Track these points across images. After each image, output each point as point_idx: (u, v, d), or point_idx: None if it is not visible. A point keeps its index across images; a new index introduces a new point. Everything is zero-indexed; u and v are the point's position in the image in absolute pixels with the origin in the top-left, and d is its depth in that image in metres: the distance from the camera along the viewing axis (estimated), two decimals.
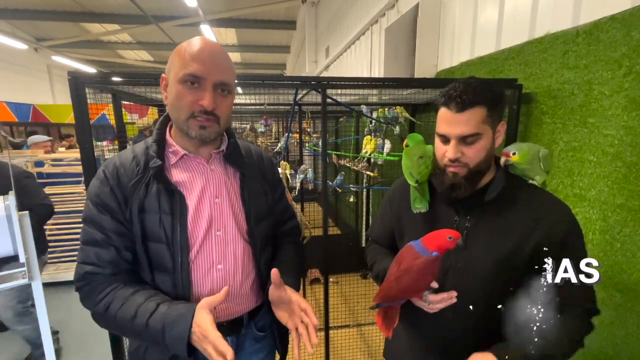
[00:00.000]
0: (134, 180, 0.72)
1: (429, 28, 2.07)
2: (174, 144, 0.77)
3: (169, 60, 0.73)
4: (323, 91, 1.29)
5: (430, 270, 0.71)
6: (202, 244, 0.75)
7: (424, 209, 0.84)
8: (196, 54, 0.69)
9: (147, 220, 0.72)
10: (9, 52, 7.71)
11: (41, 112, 8.05)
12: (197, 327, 0.65)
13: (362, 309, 2.76)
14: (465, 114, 0.71)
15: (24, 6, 6.96)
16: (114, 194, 0.72)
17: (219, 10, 7.08)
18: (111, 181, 0.72)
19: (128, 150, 0.77)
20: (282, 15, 7.88)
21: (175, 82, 0.70)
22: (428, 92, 1.91)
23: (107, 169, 0.74)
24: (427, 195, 0.85)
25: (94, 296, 0.71)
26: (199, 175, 0.77)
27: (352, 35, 3.85)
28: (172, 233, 0.72)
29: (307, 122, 2.60)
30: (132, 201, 0.72)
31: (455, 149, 0.74)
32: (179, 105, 0.70)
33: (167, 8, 6.77)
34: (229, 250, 0.78)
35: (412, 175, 0.86)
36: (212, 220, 0.76)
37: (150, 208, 0.72)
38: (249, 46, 10.26)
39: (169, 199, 0.72)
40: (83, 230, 0.74)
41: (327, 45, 5.39)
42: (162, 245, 0.72)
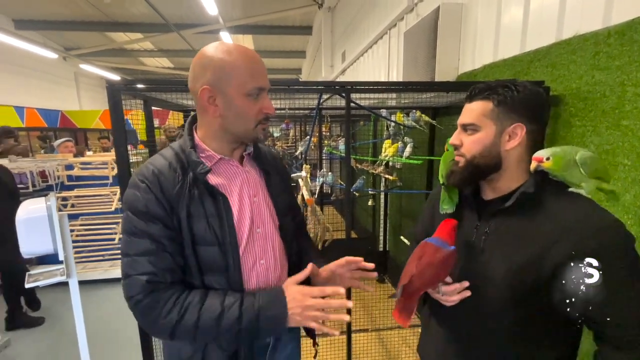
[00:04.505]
0: (178, 186, 0.73)
1: (450, 31, 2.06)
2: (207, 149, 0.78)
3: (217, 72, 0.71)
4: (347, 95, 1.31)
5: (449, 263, 0.74)
6: (247, 242, 0.79)
7: (450, 210, 0.85)
8: (257, 67, 0.73)
9: (195, 225, 0.73)
10: (40, 61, 8.11)
11: (68, 118, 8.44)
12: (293, 301, 0.70)
13: (380, 314, 2.74)
14: (471, 104, 0.76)
15: (55, 18, 7.33)
16: (160, 202, 0.72)
17: (237, 17, 7.25)
18: (154, 189, 0.72)
19: (158, 158, 0.77)
20: (298, 20, 7.99)
21: (240, 95, 0.72)
22: (449, 96, 1.91)
23: (145, 177, 0.73)
24: (455, 197, 0.85)
25: (160, 308, 0.69)
26: (236, 177, 0.81)
27: (370, 40, 3.87)
28: (222, 234, 0.74)
29: (326, 125, 2.63)
30: (178, 208, 0.73)
31: (456, 136, 0.79)
32: (247, 117, 0.74)
33: (188, 16, 6.98)
34: (268, 246, 0.83)
35: (442, 176, 0.87)
36: (253, 219, 0.80)
37: (196, 213, 0.73)
38: (266, 52, 10.43)
39: (213, 202, 0.74)
40: (128, 243, 0.72)
41: (344, 49, 5.43)
42: (213, 247, 0.74)
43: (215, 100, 0.73)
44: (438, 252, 0.74)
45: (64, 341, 2.53)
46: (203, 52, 0.74)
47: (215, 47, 0.74)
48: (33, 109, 7.65)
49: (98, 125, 8.31)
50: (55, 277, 1.26)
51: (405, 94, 2.08)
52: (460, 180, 0.78)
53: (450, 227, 0.76)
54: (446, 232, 0.75)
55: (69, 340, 2.52)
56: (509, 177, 0.76)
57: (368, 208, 3.63)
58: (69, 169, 3.46)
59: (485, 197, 0.82)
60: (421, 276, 0.75)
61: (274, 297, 0.72)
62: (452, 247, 0.74)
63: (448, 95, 1.88)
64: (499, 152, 0.74)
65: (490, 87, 0.74)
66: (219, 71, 0.72)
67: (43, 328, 2.72)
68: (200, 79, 0.73)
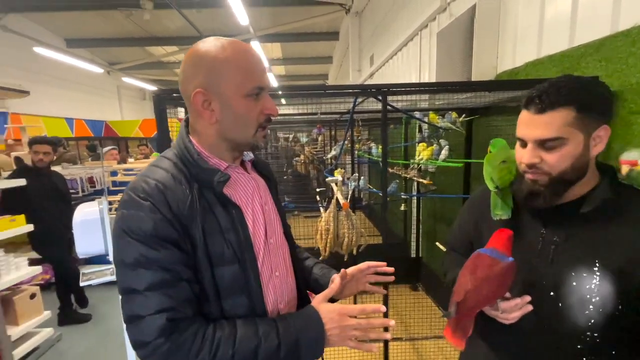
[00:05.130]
0: (188, 202, 0.63)
1: (487, 29, 1.98)
2: (211, 156, 0.70)
3: (211, 72, 0.63)
4: (384, 98, 1.29)
5: (509, 277, 0.67)
6: (264, 255, 0.72)
7: (506, 215, 0.78)
8: (256, 63, 0.66)
9: (212, 243, 0.64)
10: (87, 76, 8.77)
11: (112, 128, 9.03)
12: (331, 321, 0.64)
13: (414, 322, 2.66)
14: (544, 116, 0.66)
15: (101, 35, 7.94)
16: (170, 222, 0.61)
17: (266, 26, 7.45)
18: (161, 207, 0.61)
19: (156, 170, 0.66)
20: (325, 27, 8.06)
21: (239, 97, 0.65)
22: (487, 96, 1.83)
23: (147, 193, 0.61)
24: (510, 202, 0.79)
25: (186, 350, 0.58)
26: (247, 185, 0.74)
27: (399, 42, 3.81)
28: (240, 250, 0.66)
29: (357, 129, 2.61)
30: (192, 226, 0.63)
31: (532, 154, 0.68)
32: (247, 120, 0.67)
33: (220, 27, 7.27)
34: (280, 255, 0.78)
35: (492, 180, 0.81)
36: (266, 229, 0.74)
37: (210, 230, 0.64)
38: (293, 59, 10.62)
39: (227, 215, 0.66)
40: (134, 277, 0.59)
41: (372, 53, 5.39)
42: (232, 266, 0.66)
43: (211, 104, 0.65)
44: (495, 264, 0.67)
45: (111, 336, 2.68)
46: (194, 50, 0.65)
47: (208, 43, 0.65)
48: (81, 120, 8.28)
49: (137, 134, 8.81)
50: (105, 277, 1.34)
51: (440, 95, 2.03)
52: (551, 199, 0.69)
53: (506, 236, 0.69)
54: (502, 242, 0.69)
55: (114, 335, 2.68)
56: (582, 182, 0.70)
57: (399, 213, 3.55)
58: (113, 175, 3.69)
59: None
60: (477, 292, 0.69)
61: (308, 319, 0.64)
62: (510, 259, 0.67)
63: (486, 96, 1.80)
64: (587, 160, 0.68)
65: (559, 92, 0.65)
66: (213, 71, 0.63)
67: (90, 324, 2.90)
68: (193, 80, 0.65)
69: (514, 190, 0.76)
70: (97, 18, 6.92)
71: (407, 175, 2.54)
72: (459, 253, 0.96)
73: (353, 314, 0.64)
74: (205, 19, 6.65)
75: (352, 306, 0.66)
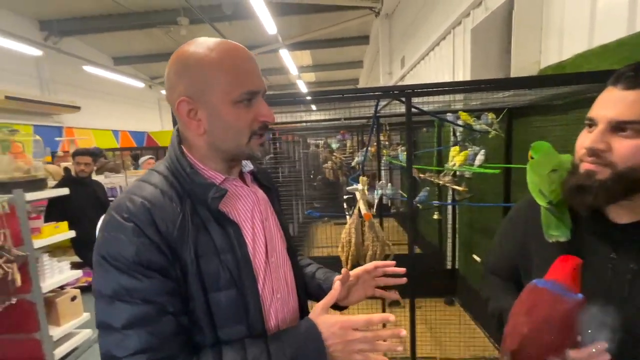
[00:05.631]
0: (179, 221, 0.56)
1: (528, 21, 1.80)
2: (206, 169, 0.64)
3: (195, 78, 0.57)
4: (407, 100, 1.19)
5: (577, 319, 0.53)
6: (265, 277, 0.65)
7: (564, 237, 0.62)
8: (246, 65, 0.59)
9: (206, 267, 0.57)
10: (131, 90, 9.40)
11: (153, 138, 9.62)
12: (332, 337, 0.56)
13: (449, 340, 2.46)
14: (633, 93, 0.53)
15: (144, 52, 8.49)
16: (157, 245, 0.54)
17: (296, 34, 7.53)
18: (147, 229, 0.54)
19: (144, 185, 0.60)
20: (354, 31, 8.00)
21: (227, 104, 0.58)
22: (528, 94, 1.65)
23: (132, 213, 0.54)
24: (567, 219, 0.64)
25: None
26: (246, 199, 0.67)
27: (431, 42, 3.65)
28: (238, 273, 0.59)
29: (384, 134, 2.49)
30: (183, 249, 0.56)
31: (599, 137, 0.55)
32: (238, 129, 0.60)
33: (250, 38, 7.46)
34: (282, 275, 0.71)
35: (542, 193, 0.66)
36: (267, 247, 0.68)
37: (204, 251, 0.57)
38: (323, 65, 10.65)
39: (223, 234, 0.59)
40: (110, 311, 0.52)
41: (403, 55, 5.24)
42: (229, 291, 0.58)
43: (197, 114, 0.59)
44: (559, 302, 0.53)
45: None
46: (177, 54, 0.59)
47: (192, 45, 0.59)
48: (126, 131, 8.90)
49: None
50: None
51: (475, 95, 1.87)
52: (602, 200, 0.56)
53: (573, 266, 0.55)
54: (567, 274, 0.55)
55: None
56: None
57: (433, 221, 3.35)
58: None
59: (617, 220, 0.60)
60: (537, 338, 0.54)
61: (306, 335, 0.56)
62: (579, 296, 0.53)
63: (527, 94, 1.62)
64: None
65: None
66: (197, 76, 0.57)
67: None
68: (176, 88, 0.59)
69: (577, 204, 0.61)
70: (140, 36, 7.40)
71: (440, 182, 2.37)
72: (501, 276, 0.81)
73: (358, 326, 0.56)
74: (236, 30, 6.85)
75: (357, 317, 0.57)
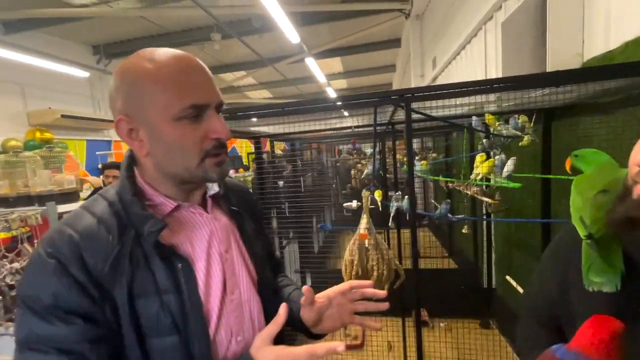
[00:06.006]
0: (112, 257, 0.50)
1: (567, 9, 1.56)
2: (157, 194, 0.57)
3: (131, 95, 0.52)
4: (407, 106, 1.05)
5: None
6: (219, 318, 0.57)
7: (608, 287, 0.46)
8: (190, 77, 0.52)
9: (143, 309, 0.51)
10: None
11: None
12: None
13: None
14: None
15: None
16: (82, 287, 0.48)
17: (325, 42, 7.52)
18: (72, 267, 0.48)
19: (83, 214, 0.54)
20: (385, 34, 7.81)
21: (167, 122, 0.52)
22: (568, 91, 1.41)
23: (57, 249, 0.49)
24: (618, 261, 0.47)
25: None
26: (200, 229, 0.60)
27: (462, 39, 3.41)
28: (182, 317, 0.52)
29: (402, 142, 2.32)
30: (114, 288, 0.50)
31: None
32: (183, 149, 0.53)
33: (277, 50, 7.58)
34: (245, 314, 0.62)
35: (583, 222, 0.49)
36: (225, 283, 0.60)
37: (143, 291, 0.51)
38: (355, 71, 10.53)
39: (168, 272, 0.53)
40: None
41: (434, 56, 4.99)
42: (170, 337, 0.52)
43: (139, 134, 0.54)
44: None
45: None
46: (118, 68, 0.55)
47: (133, 58, 0.54)
48: None
49: None
50: None
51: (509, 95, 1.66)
52: None
53: (608, 333, 0.40)
54: (598, 343, 0.40)
55: None
56: None
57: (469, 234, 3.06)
58: None
59: None
60: None
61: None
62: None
63: (565, 91, 1.39)
64: None
65: None
66: (133, 92, 0.52)
67: None
68: (115, 105, 0.54)
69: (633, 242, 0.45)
70: None
71: (469, 192, 2.14)
72: (539, 323, 0.65)
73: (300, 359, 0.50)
74: (266, 42, 7.00)
75: (298, 349, 0.51)
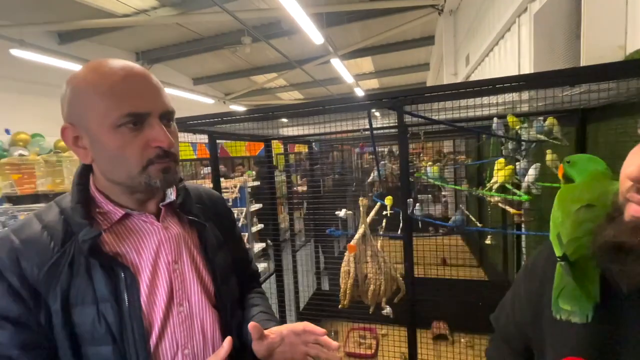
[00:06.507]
0: (49, 264, 0.52)
1: None
2: (106, 202, 0.59)
3: (73, 103, 0.54)
4: (399, 110, 0.96)
5: None
6: (163, 329, 0.58)
7: (578, 317, 0.40)
8: (128, 85, 0.53)
9: (78, 317, 0.53)
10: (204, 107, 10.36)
11: (225, 149, 10.50)
12: None
13: None
14: None
15: (218, 72, 9.37)
16: (15, 292, 0.50)
17: (355, 42, 7.41)
18: (7, 274, 0.51)
19: (31, 221, 0.56)
20: (418, 32, 7.55)
21: (106, 130, 0.53)
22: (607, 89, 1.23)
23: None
24: (594, 290, 0.40)
25: None
26: (148, 238, 0.60)
27: (495, 34, 3.17)
28: (119, 326, 0.53)
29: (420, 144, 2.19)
30: (49, 295, 0.52)
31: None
32: (124, 157, 0.54)
33: (305, 52, 7.60)
34: (196, 327, 0.62)
35: (560, 240, 0.43)
36: (172, 294, 0.60)
37: (80, 299, 0.53)
38: (386, 70, 10.29)
39: (108, 280, 0.54)
40: None
41: (467, 52, 4.71)
42: (105, 347, 0.53)
43: (82, 141, 0.56)
44: None
45: None
46: (67, 79, 0.56)
47: (80, 69, 0.56)
48: (202, 144, 9.86)
49: (244, 153, 10.01)
50: None
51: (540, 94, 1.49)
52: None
53: None
54: None
55: None
56: None
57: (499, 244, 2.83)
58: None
59: None
60: None
61: None
62: None
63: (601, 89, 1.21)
64: None
65: None
66: (74, 101, 0.54)
67: None
68: (63, 114, 0.57)
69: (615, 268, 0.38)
70: (212, 58, 8.19)
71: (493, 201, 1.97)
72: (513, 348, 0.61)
73: None
74: (295, 44, 7.03)
75: None
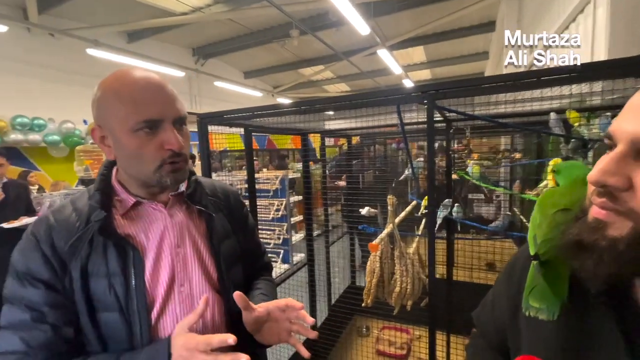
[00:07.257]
0: (73, 239, 0.62)
1: None
2: (122, 191, 0.69)
3: (100, 107, 0.63)
4: (431, 103, 0.88)
5: None
6: (165, 305, 0.66)
7: (545, 314, 0.43)
8: (145, 94, 0.61)
9: (93, 286, 0.62)
10: (254, 99, 10.75)
11: (272, 141, 10.80)
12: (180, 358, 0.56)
13: None
14: None
15: (268, 65, 9.65)
16: (47, 260, 0.61)
17: (406, 31, 7.08)
18: (43, 245, 0.61)
19: (66, 205, 0.68)
20: (476, 18, 6.99)
21: (126, 133, 0.62)
22: None
23: (37, 230, 0.63)
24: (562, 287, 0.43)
25: None
26: (156, 223, 0.69)
27: (566, 16, 2.81)
28: (125, 298, 0.62)
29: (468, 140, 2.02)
30: (72, 265, 0.61)
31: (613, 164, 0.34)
32: (142, 158, 0.63)
33: (353, 43, 7.46)
34: (196, 306, 0.67)
35: (535, 240, 0.46)
36: (174, 274, 0.68)
37: (95, 271, 0.62)
38: (440, 60, 9.73)
39: (119, 257, 0.63)
40: (3, 313, 0.61)
41: None
42: (113, 314, 0.62)
43: (107, 141, 0.66)
44: None
45: None
46: (98, 84, 0.65)
47: (108, 76, 0.64)
48: None
49: (289, 145, 10.19)
50: None
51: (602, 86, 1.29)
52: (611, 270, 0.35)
53: None
54: None
55: None
56: None
57: None
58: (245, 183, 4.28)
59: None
60: None
61: (155, 353, 0.58)
62: None
63: None
64: None
65: None
66: (101, 105, 0.63)
67: None
68: (93, 116, 0.66)
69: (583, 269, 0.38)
70: (262, 52, 8.42)
71: None
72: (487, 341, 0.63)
73: (199, 347, 0.56)
74: (343, 36, 6.93)
75: (199, 337, 0.57)
